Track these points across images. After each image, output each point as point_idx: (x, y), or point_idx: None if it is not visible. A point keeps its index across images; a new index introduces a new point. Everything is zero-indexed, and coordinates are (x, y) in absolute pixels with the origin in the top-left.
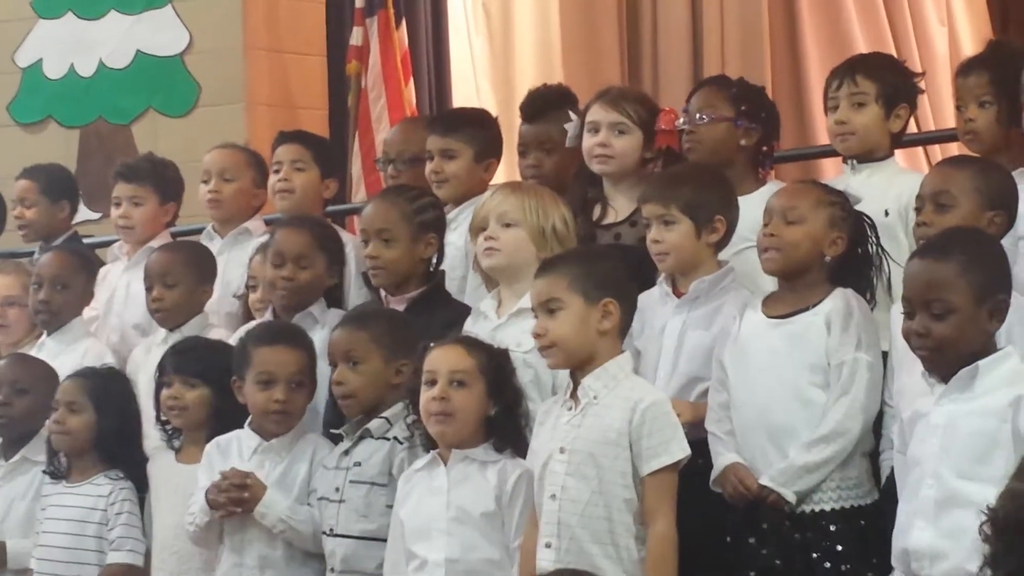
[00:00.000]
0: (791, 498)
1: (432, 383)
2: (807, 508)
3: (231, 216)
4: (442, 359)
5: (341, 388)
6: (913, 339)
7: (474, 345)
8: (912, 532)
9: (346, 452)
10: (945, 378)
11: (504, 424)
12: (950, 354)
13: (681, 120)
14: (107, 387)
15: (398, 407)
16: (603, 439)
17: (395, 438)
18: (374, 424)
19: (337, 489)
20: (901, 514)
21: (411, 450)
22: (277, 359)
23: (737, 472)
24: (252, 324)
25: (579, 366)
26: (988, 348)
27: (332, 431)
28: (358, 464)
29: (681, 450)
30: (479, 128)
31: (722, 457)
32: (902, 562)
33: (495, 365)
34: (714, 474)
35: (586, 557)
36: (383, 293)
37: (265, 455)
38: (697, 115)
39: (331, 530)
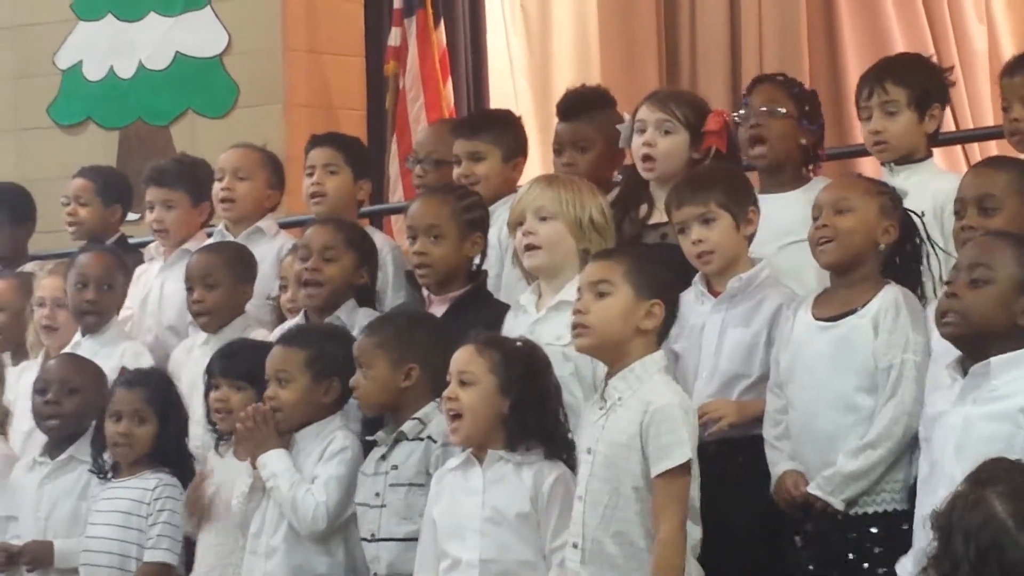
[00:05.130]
0: (839, 506)
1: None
2: (851, 511)
3: (243, 216)
4: (456, 360)
5: (355, 392)
6: (943, 302)
7: (488, 344)
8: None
9: (383, 457)
10: (966, 368)
11: (516, 421)
12: (971, 323)
13: (743, 113)
14: (165, 393)
15: (430, 407)
16: (621, 441)
17: (429, 437)
18: (407, 426)
19: (377, 494)
20: (919, 512)
21: (446, 448)
22: (270, 358)
23: (787, 481)
24: (285, 325)
25: (607, 357)
26: (1012, 340)
27: (367, 439)
28: (395, 467)
29: (682, 455)
30: (505, 128)
31: (777, 466)
32: (918, 562)
33: (509, 362)
34: (772, 483)
35: (607, 558)
36: (425, 292)
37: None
38: (762, 109)
39: (372, 535)
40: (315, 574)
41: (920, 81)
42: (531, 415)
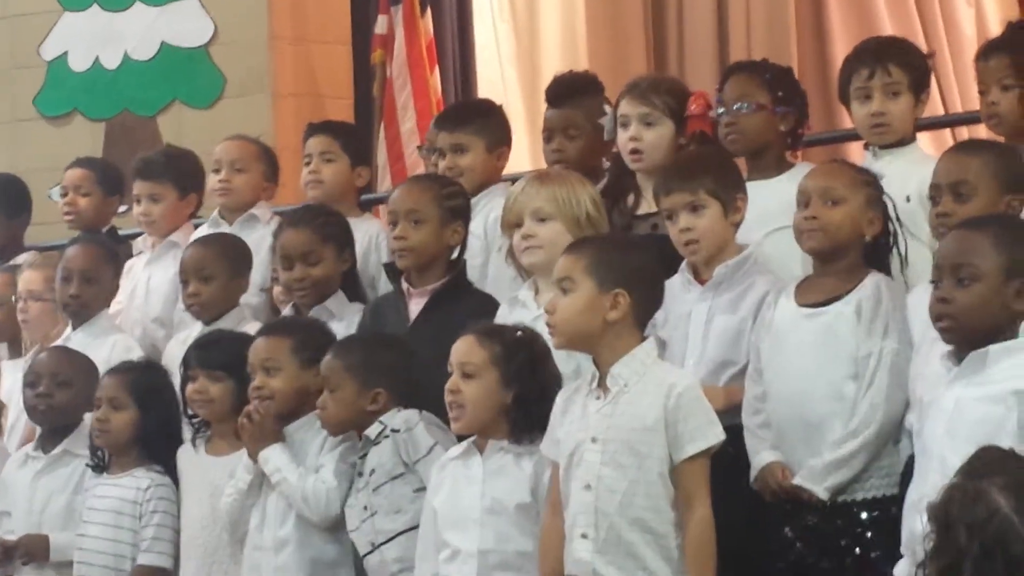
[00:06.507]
0: (823, 495)
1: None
2: (839, 497)
3: (240, 206)
4: (455, 351)
5: (320, 412)
6: (935, 307)
7: (489, 335)
8: (918, 517)
9: (360, 473)
10: (961, 358)
11: (520, 413)
12: (968, 325)
13: (720, 111)
14: (149, 382)
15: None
16: (640, 426)
17: (393, 430)
18: (371, 430)
19: (366, 508)
20: (909, 497)
21: (410, 432)
22: (253, 350)
23: (774, 472)
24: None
25: (588, 351)
26: (1010, 330)
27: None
28: (373, 472)
29: (715, 435)
30: (486, 118)
31: (759, 456)
32: (909, 547)
33: (511, 353)
34: (753, 472)
35: (625, 546)
36: (405, 285)
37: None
38: (735, 105)
39: (373, 544)
40: (327, 562)
41: (918, 64)
42: (534, 406)
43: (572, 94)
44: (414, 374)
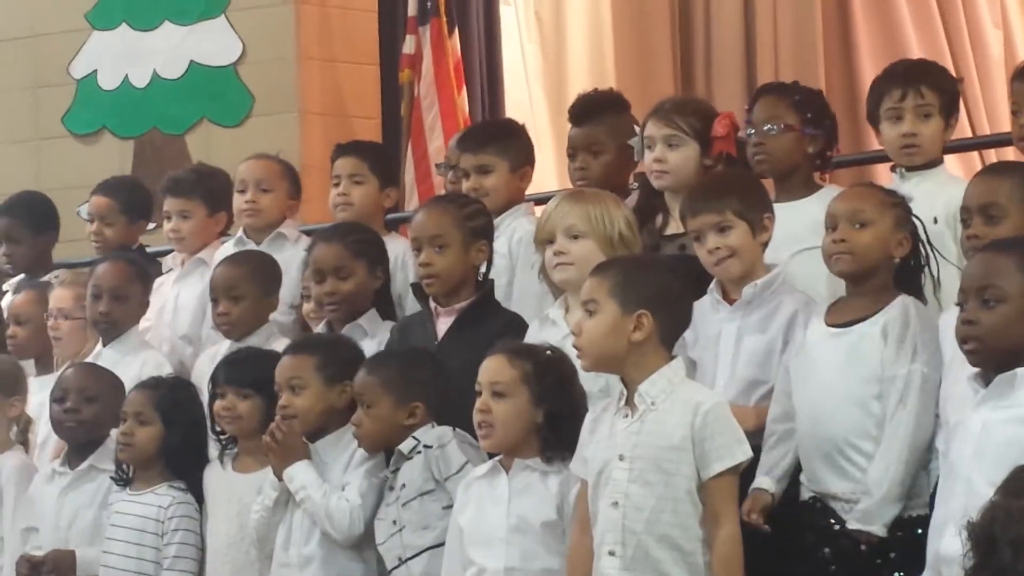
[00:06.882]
0: (883, 533)
1: (480, 393)
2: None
3: (267, 226)
4: (485, 369)
5: (356, 430)
6: (961, 329)
7: (519, 353)
8: (944, 538)
9: (391, 487)
10: (988, 380)
11: (551, 432)
12: (994, 346)
13: (750, 132)
14: (175, 398)
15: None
16: (667, 444)
17: (425, 446)
18: (404, 445)
19: (394, 522)
20: (934, 519)
21: (443, 449)
22: (279, 369)
23: (746, 504)
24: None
25: (616, 372)
26: None
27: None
28: (404, 486)
29: (743, 453)
30: (509, 139)
31: (756, 480)
32: (935, 568)
33: (542, 372)
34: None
35: (653, 563)
36: (432, 305)
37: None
38: (764, 127)
39: (400, 559)
40: None
41: (950, 87)
42: (565, 424)
43: (595, 112)
44: (447, 386)
